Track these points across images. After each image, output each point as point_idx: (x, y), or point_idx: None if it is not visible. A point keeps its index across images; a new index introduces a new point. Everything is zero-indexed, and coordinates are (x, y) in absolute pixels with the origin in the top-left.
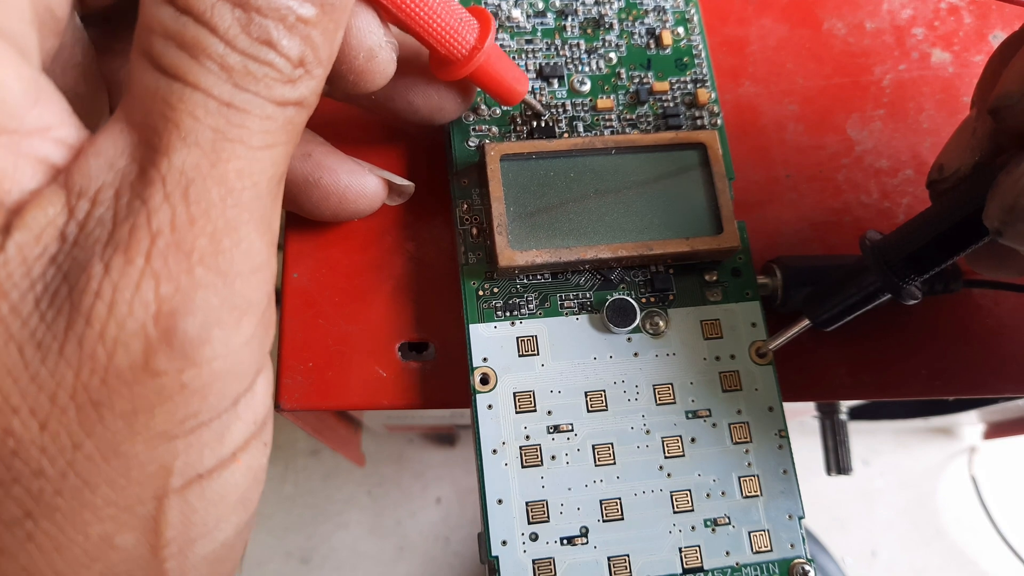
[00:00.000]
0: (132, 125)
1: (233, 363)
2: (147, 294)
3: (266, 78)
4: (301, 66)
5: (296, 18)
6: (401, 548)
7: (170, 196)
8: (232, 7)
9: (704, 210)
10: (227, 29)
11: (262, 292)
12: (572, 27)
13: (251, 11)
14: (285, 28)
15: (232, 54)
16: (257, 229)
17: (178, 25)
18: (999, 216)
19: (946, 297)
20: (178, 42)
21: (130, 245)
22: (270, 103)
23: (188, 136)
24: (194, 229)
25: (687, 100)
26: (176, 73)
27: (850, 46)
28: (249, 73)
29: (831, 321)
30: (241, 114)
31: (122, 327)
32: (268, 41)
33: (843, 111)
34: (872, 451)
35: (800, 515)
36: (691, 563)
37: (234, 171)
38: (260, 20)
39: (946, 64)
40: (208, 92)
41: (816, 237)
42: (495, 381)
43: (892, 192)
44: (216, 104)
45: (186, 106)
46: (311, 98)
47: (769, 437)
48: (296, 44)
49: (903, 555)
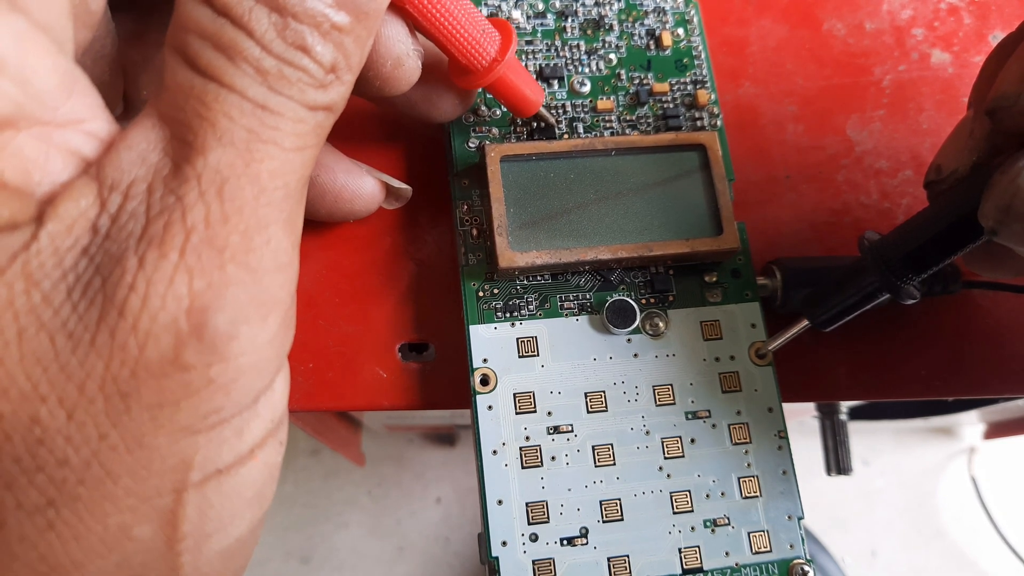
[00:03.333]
0: (165, 120)
1: (257, 360)
2: (180, 288)
3: (299, 82)
4: (333, 71)
5: (331, 25)
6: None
7: (205, 193)
8: (269, 11)
9: (704, 211)
10: (264, 33)
11: (287, 290)
12: (572, 28)
13: (287, 16)
14: (320, 34)
15: (268, 58)
16: (284, 228)
17: (215, 26)
18: (994, 215)
19: (945, 298)
20: (215, 43)
21: (164, 240)
22: (302, 107)
23: (224, 135)
24: (227, 226)
25: (687, 101)
26: (212, 73)
27: (850, 47)
28: (283, 77)
29: (830, 321)
30: (275, 116)
31: (155, 320)
32: (303, 46)
33: (843, 112)
34: (872, 451)
35: (799, 516)
36: (691, 564)
37: (267, 171)
38: (296, 26)
39: (946, 64)
40: (243, 94)
41: (816, 238)
42: (495, 382)
43: (892, 193)
44: (251, 106)
45: (221, 106)
46: (340, 103)
47: (769, 438)
48: (329, 50)
49: (903, 555)
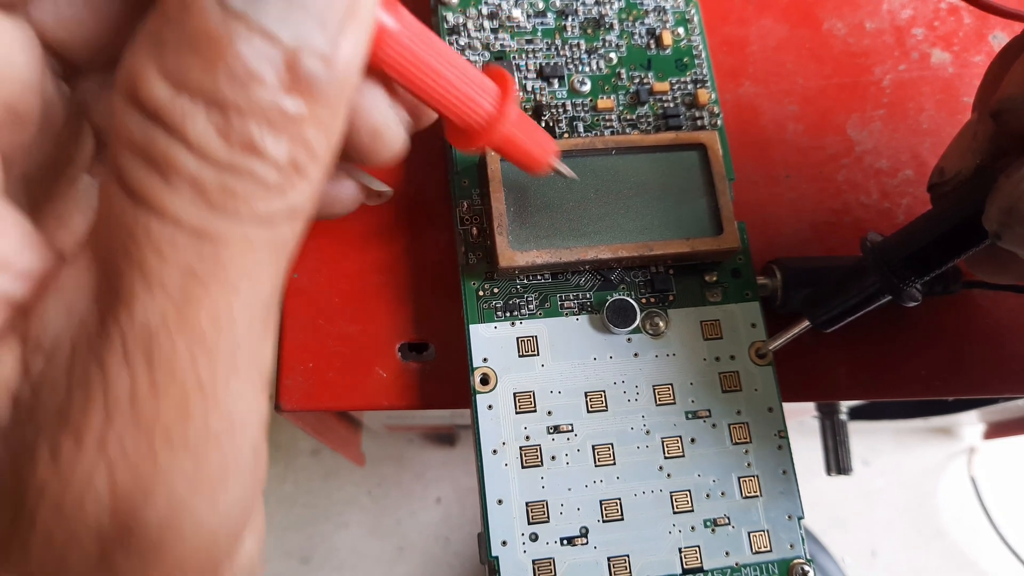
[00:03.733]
0: (97, 257)
1: (211, 536)
2: (100, 486)
3: (249, 194)
4: (293, 169)
5: (284, 116)
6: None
7: (130, 358)
8: (207, 109)
9: (704, 211)
10: (200, 137)
11: (248, 446)
12: (572, 27)
13: (229, 112)
14: (271, 129)
15: (206, 169)
16: (239, 377)
17: (146, 135)
18: (998, 219)
19: (945, 298)
20: (145, 156)
21: (82, 424)
22: (253, 223)
23: (153, 279)
24: (157, 399)
25: (687, 100)
26: (142, 196)
27: (850, 46)
28: (226, 190)
29: (831, 322)
30: (215, 245)
31: (72, 529)
32: (251, 147)
33: (843, 111)
34: (872, 451)
35: (800, 515)
36: (691, 563)
37: (206, 318)
38: (240, 122)
39: (946, 64)
40: (177, 220)
41: (816, 238)
42: (495, 381)
43: (892, 192)
44: (186, 236)
45: (152, 240)
46: (306, 204)
47: (769, 437)
48: (284, 146)
49: (903, 555)
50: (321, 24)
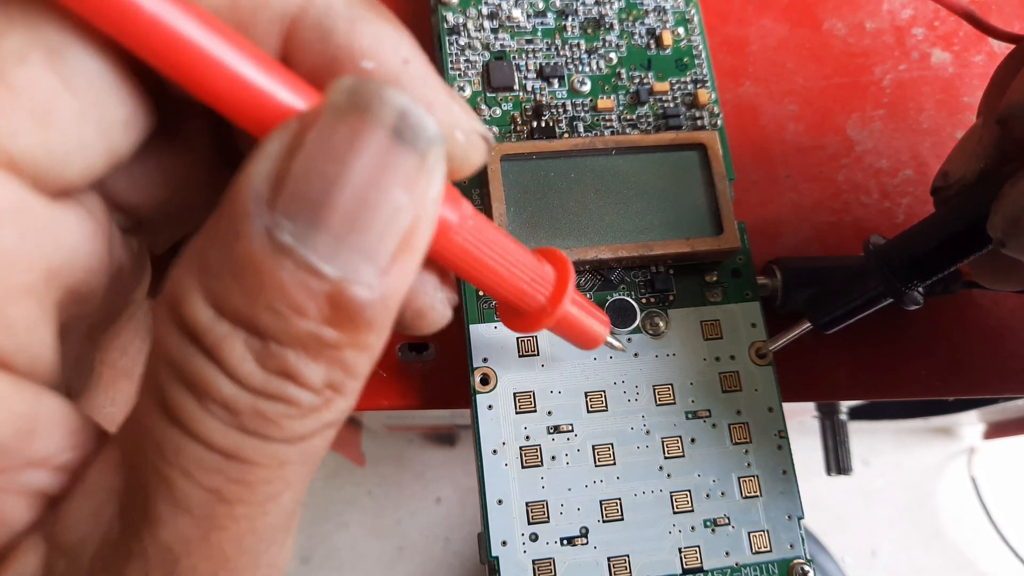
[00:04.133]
0: (125, 462)
1: None
2: None
3: (282, 416)
4: (330, 390)
5: (321, 343)
6: (401, 548)
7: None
8: (247, 336)
9: (704, 211)
10: (239, 364)
11: None
12: (572, 27)
13: (268, 340)
14: (307, 355)
15: (241, 394)
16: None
17: (184, 356)
18: (1002, 227)
19: (945, 298)
20: (181, 377)
21: None
22: (284, 444)
23: (180, 501)
24: None
25: (687, 100)
26: (175, 414)
27: (850, 46)
28: (260, 414)
29: (833, 323)
30: (245, 467)
31: None
32: (286, 372)
33: (843, 111)
34: (872, 451)
35: (800, 515)
36: (691, 563)
37: (230, 541)
38: (278, 350)
39: (946, 64)
40: (208, 442)
41: (816, 237)
42: (495, 381)
43: (892, 192)
44: (217, 458)
45: (181, 460)
46: (340, 418)
47: (769, 438)
48: (322, 370)
49: (903, 555)
50: (370, 259)
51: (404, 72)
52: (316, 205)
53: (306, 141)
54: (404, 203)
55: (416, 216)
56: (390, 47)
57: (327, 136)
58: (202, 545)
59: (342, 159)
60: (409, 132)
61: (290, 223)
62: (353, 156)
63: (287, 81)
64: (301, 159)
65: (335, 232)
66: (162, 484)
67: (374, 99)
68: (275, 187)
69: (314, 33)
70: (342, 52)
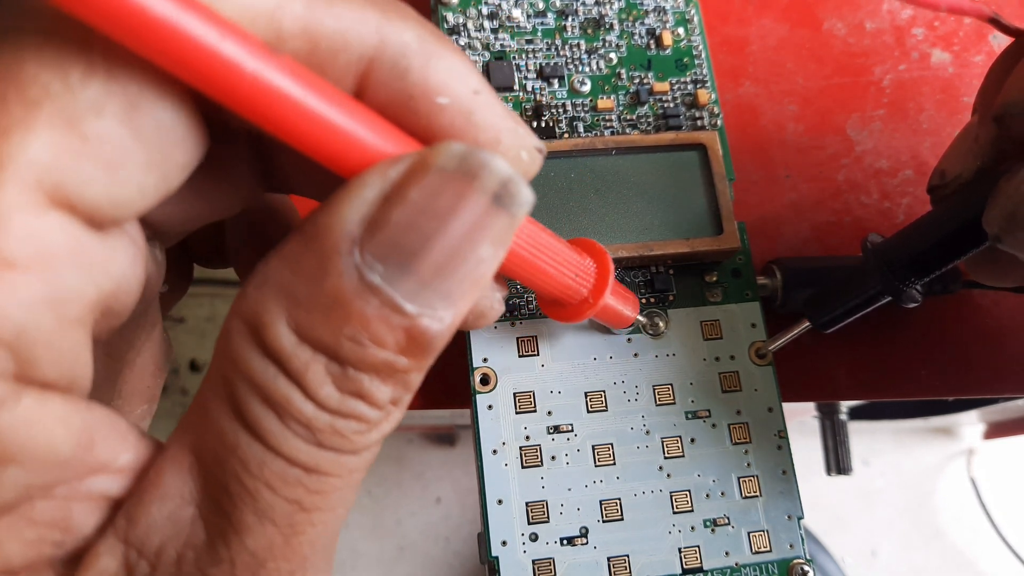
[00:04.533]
0: (201, 467)
1: None
2: None
3: (353, 432)
4: (393, 405)
5: (394, 369)
6: (401, 548)
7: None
8: (328, 361)
9: (704, 211)
10: (319, 388)
11: None
12: (572, 27)
13: (347, 366)
14: (380, 379)
15: (320, 413)
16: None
17: (267, 378)
18: (999, 222)
19: (945, 298)
20: (264, 396)
21: None
22: (353, 456)
23: (264, 511)
24: None
25: (687, 101)
26: (258, 431)
27: (850, 46)
28: (335, 431)
29: (832, 323)
30: (322, 478)
31: None
32: (360, 393)
33: (843, 111)
34: (872, 451)
35: (799, 515)
36: (691, 563)
37: (308, 543)
38: (355, 375)
39: (946, 64)
40: (290, 458)
41: (816, 238)
42: (495, 381)
43: (892, 192)
44: (298, 472)
45: (265, 474)
46: (396, 426)
47: (768, 438)
48: (388, 390)
49: (902, 555)
50: (447, 298)
51: (475, 102)
52: (410, 254)
53: (409, 196)
54: (489, 255)
55: (495, 262)
56: (461, 80)
57: (432, 196)
58: (284, 550)
59: (443, 218)
60: (508, 198)
61: (381, 266)
62: (454, 216)
63: (375, 125)
64: (402, 211)
65: (422, 278)
66: (247, 495)
67: (483, 168)
68: (369, 231)
69: (390, 72)
70: (417, 89)
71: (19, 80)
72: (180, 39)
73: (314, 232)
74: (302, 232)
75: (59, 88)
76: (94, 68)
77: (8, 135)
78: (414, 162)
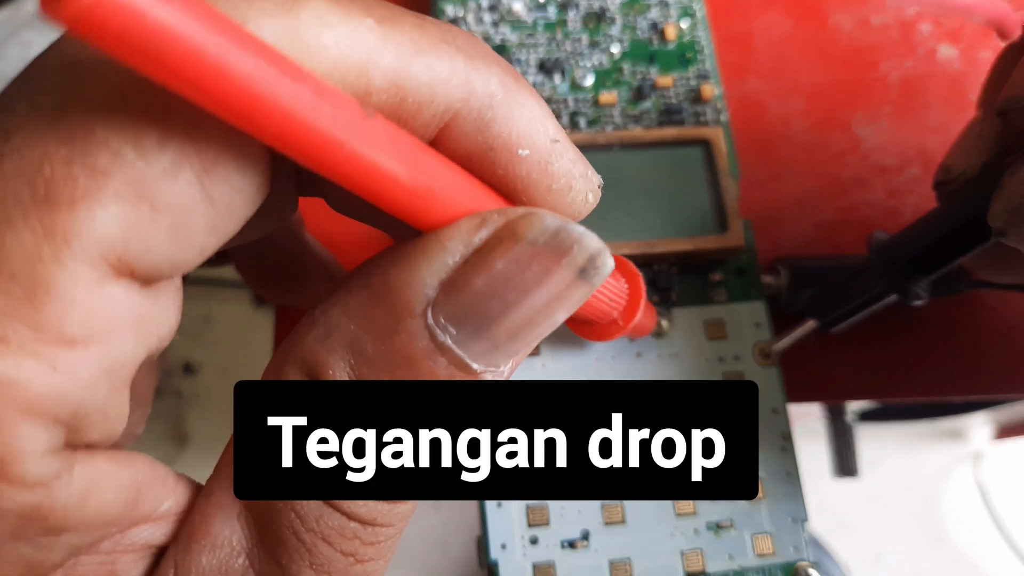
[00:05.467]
0: (251, 519)
1: None
2: None
3: None
4: None
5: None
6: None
7: None
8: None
9: (708, 208)
10: None
11: None
12: (574, 21)
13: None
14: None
15: None
16: None
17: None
18: (1003, 217)
19: (953, 298)
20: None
21: None
22: (404, 504)
23: (320, 565)
24: None
25: (691, 96)
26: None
27: (856, 42)
28: None
29: (837, 321)
30: (377, 530)
31: None
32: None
33: (849, 108)
34: (879, 455)
35: (803, 518)
36: (693, 567)
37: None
38: None
39: (953, 60)
40: (348, 512)
41: (821, 236)
42: None
43: (899, 190)
44: (356, 526)
45: (322, 529)
46: None
47: (773, 440)
48: None
49: (908, 559)
50: (512, 357)
51: (553, 152)
52: (488, 321)
53: (495, 265)
54: (561, 319)
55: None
56: (541, 130)
57: (519, 268)
58: None
59: (528, 291)
60: (592, 271)
61: (455, 330)
62: (538, 289)
63: (454, 177)
64: (485, 280)
65: (496, 342)
66: (303, 549)
67: (574, 244)
68: (446, 294)
69: (473, 125)
70: (499, 141)
71: (88, 146)
72: (271, 106)
73: (386, 289)
74: (369, 286)
75: (132, 156)
76: (171, 132)
77: (74, 208)
78: (501, 229)
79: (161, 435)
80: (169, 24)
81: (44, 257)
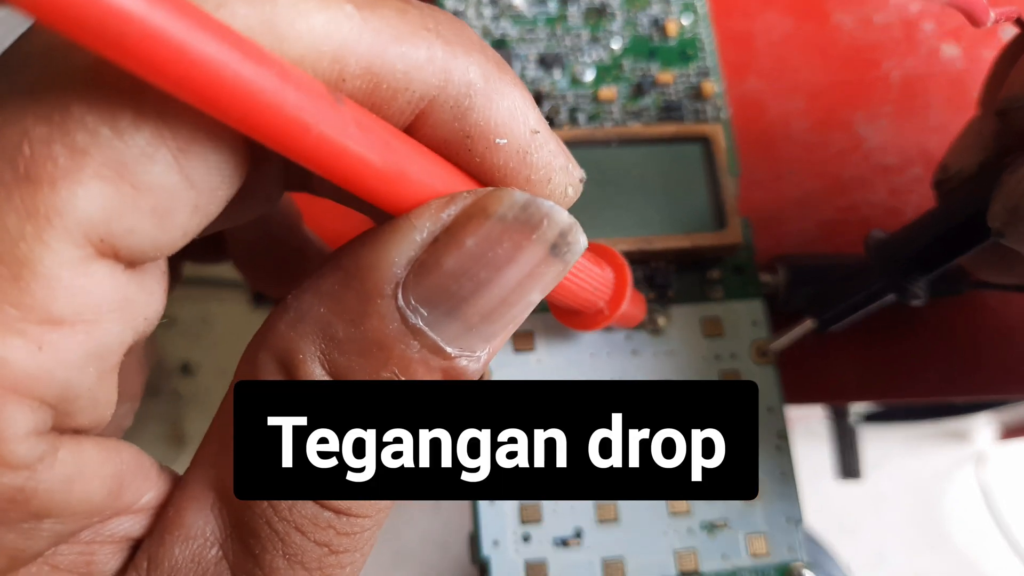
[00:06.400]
0: (225, 509)
1: None
2: None
3: None
4: None
5: None
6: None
7: None
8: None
9: (706, 205)
10: None
11: None
12: (575, 15)
13: None
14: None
15: None
16: None
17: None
18: (1002, 217)
19: (954, 298)
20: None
21: None
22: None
23: (294, 555)
24: None
25: (691, 92)
26: None
27: (858, 40)
28: None
29: (834, 321)
30: (352, 520)
31: None
32: None
33: (850, 107)
34: (881, 455)
35: (798, 518)
36: (687, 567)
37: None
38: None
39: (955, 59)
40: (322, 501)
41: (821, 235)
42: (490, 377)
43: (900, 190)
44: (330, 515)
45: (296, 518)
46: None
47: (769, 439)
48: None
49: (909, 559)
50: (487, 340)
51: (532, 142)
52: (459, 301)
53: (464, 242)
54: (536, 300)
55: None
56: (521, 120)
57: (489, 245)
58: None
59: (499, 268)
60: (564, 247)
61: (426, 311)
62: (510, 266)
63: (425, 160)
64: (455, 258)
65: (469, 323)
66: (276, 539)
67: (544, 219)
68: (416, 274)
69: (450, 112)
70: (476, 129)
71: (65, 124)
72: (233, 90)
73: (355, 271)
74: (340, 268)
75: (108, 134)
76: (145, 112)
77: (55, 187)
78: (470, 206)
79: (159, 436)
80: (127, 7)
81: (27, 236)
